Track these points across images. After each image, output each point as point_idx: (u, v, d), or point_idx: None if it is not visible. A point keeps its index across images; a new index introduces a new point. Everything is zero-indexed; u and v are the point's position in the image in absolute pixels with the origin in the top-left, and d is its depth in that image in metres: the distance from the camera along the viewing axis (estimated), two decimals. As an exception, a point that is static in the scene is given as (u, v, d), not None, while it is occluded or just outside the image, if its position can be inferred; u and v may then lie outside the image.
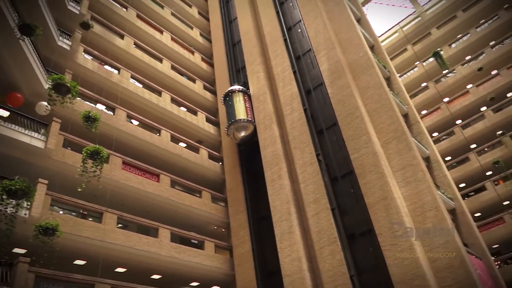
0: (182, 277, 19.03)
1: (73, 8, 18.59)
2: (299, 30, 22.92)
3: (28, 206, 12.62)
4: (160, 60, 24.57)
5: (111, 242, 15.22)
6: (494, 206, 26.25)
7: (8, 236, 10.22)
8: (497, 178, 26.82)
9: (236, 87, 22.61)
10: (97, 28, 20.89)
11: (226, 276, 19.26)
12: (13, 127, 14.00)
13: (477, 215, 27.03)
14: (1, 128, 13.63)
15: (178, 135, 22.07)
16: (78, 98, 15.74)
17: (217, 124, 25.24)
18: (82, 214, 15.98)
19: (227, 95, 22.40)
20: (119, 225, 16.49)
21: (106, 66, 20.52)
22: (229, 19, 28.97)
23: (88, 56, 19.81)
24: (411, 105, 20.88)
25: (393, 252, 13.86)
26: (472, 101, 29.84)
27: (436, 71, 31.83)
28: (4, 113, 14.41)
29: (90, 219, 15.87)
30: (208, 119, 25.05)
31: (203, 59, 28.77)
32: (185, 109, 24.01)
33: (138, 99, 21.34)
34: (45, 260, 11.44)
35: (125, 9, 24.52)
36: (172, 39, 27.02)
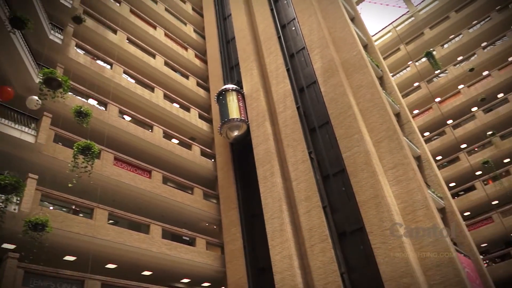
0: (173, 273, 19.02)
1: (65, 1, 18.40)
2: (293, 28, 22.93)
3: (17, 201, 12.48)
4: (153, 56, 24.42)
5: (101, 238, 15.14)
6: (483, 206, 26.60)
7: (-3, 231, 10.16)
8: (486, 178, 27.18)
9: (229, 86, 22.52)
10: (89, 22, 20.72)
11: (217, 273, 19.29)
12: (3, 121, 13.84)
13: (466, 214, 27.38)
14: (-10, 122, 13.50)
15: (171, 131, 21.97)
16: (69, 93, 15.62)
17: (210, 121, 25.18)
18: (74, 210, 15.88)
19: (221, 94, 22.33)
20: (110, 221, 16.41)
21: (98, 61, 20.35)
22: (223, 16, 28.88)
23: (80, 51, 19.62)
24: (403, 105, 21.01)
25: (383, 250, 13.98)
26: (463, 102, 30.17)
27: (428, 71, 32.09)
28: (-6, 107, 14.25)
29: (80, 215, 15.76)
30: (201, 116, 24.98)
31: (196, 55, 28.65)
32: (178, 105, 23.91)
33: (131, 95, 21.21)
34: (34, 255, 11.40)
35: (118, 4, 24.32)
36: (166, 34, 26.86)
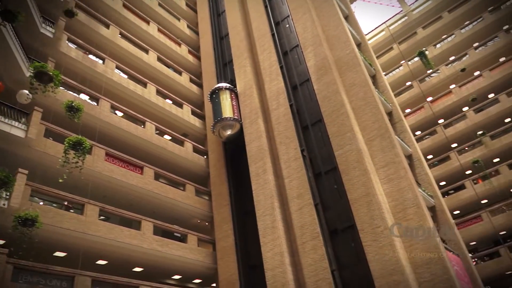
0: (164, 270, 19.00)
1: (57, -5, 18.19)
2: (287, 26, 22.92)
3: (7, 196, 12.37)
4: (146, 51, 24.23)
5: (92, 234, 15.04)
6: (472, 204, 26.94)
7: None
8: (476, 177, 27.53)
9: (223, 85, 22.34)
10: (81, 16, 20.48)
11: (208, 270, 19.30)
12: (-7, 115, 13.69)
13: (456, 212, 27.70)
14: (-20, 116, 13.32)
15: (163, 127, 21.86)
16: (61, 88, 15.46)
17: (202, 118, 25.10)
18: (66, 207, 15.76)
19: (214, 92, 22.15)
20: (101, 217, 16.32)
21: (90, 56, 20.16)
22: (217, 12, 28.75)
23: (72, 45, 19.39)
24: (395, 104, 21.13)
25: (374, 248, 14.09)
26: (454, 101, 30.49)
27: (420, 71, 32.33)
28: (-17, 101, 14.06)
29: (71, 210, 15.65)
30: (194, 112, 24.88)
31: (190, 51, 28.50)
32: (170, 101, 23.79)
33: (123, 90, 21.04)
34: (24, 251, 11.31)
35: (111, -2, 24.08)
36: (159, 30, 26.66)
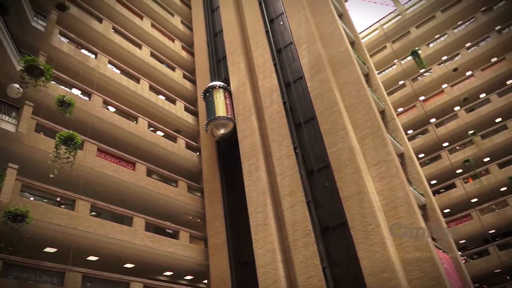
0: (156, 266, 18.96)
1: (49, -13, 17.95)
2: (281, 23, 22.89)
3: (-4, 191, 12.27)
4: (139, 47, 24.05)
5: (83, 230, 14.97)
6: (462, 203, 27.23)
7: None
8: (466, 176, 27.82)
9: (216, 83, 22.18)
10: (74, 10, 20.23)
11: (200, 266, 19.30)
12: (-18, 109, 13.53)
13: (446, 211, 27.99)
14: (-31, 110, 13.16)
15: (156, 123, 21.76)
16: (52, 82, 15.32)
17: (195, 114, 25.01)
18: (59, 203, 15.64)
19: (207, 91, 21.98)
20: (93, 213, 16.22)
21: (82, 50, 19.96)
22: (211, 8, 28.61)
23: (64, 39, 19.18)
24: (388, 102, 21.25)
25: (365, 245, 14.19)
26: (446, 101, 30.72)
27: (413, 70, 32.50)
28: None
29: (62, 206, 15.54)
30: (187, 108, 24.79)
31: (183, 47, 28.35)
32: (163, 97, 23.66)
33: (116, 86, 20.88)
34: (14, 247, 11.22)
35: (104, -8, 23.83)
36: (152, 25, 26.45)
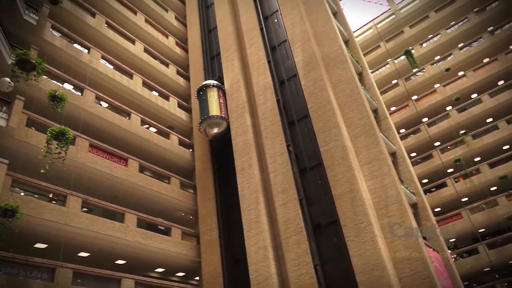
0: (148, 263, 18.91)
1: (42, -19, 17.73)
2: (276, 20, 22.87)
3: (-14, 186, 12.13)
4: (133, 42, 23.86)
5: (74, 226, 14.86)
6: (453, 202, 27.53)
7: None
8: (457, 175, 28.12)
9: (210, 82, 22.02)
10: (66, 4, 20.00)
11: (192, 263, 19.29)
12: (-28, 103, 13.35)
13: (437, 210, 28.26)
14: (-41, 104, 12.98)
15: (149, 119, 21.63)
16: (44, 76, 15.16)
17: (189, 111, 24.92)
18: (51, 199, 15.51)
19: (201, 89, 21.81)
20: (84, 209, 16.12)
21: (75, 45, 19.76)
22: (205, 4, 28.47)
23: (56, 33, 18.97)
24: (381, 101, 21.36)
25: (356, 243, 14.28)
26: (438, 100, 30.99)
27: (406, 69, 32.71)
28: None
29: (53, 202, 15.42)
30: (180, 105, 24.68)
31: (177, 43, 28.19)
32: (156, 93, 23.53)
33: (108, 81, 20.70)
34: (4, 242, 11.12)
35: (97, -14, 23.59)
36: (146, 21, 26.24)
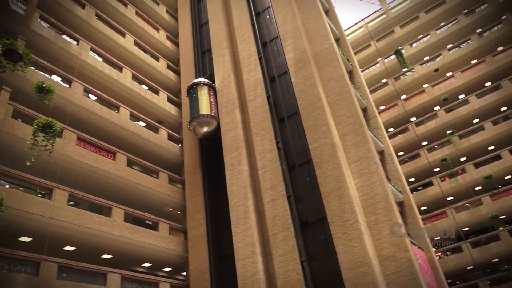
0: (134, 257, 18.83)
1: (30, -30, 17.40)
2: (268, 17, 22.83)
3: (-30, 178, 11.94)
4: (123, 35, 23.58)
5: (60, 219, 14.72)
6: (438, 201, 27.95)
7: None
8: (443, 174, 28.53)
9: (201, 80, 21.82)
10: (55, -6, 19.73)
11: (179, 258, 19.26)
12: (-43, 93, 13.08)
13: (423, 208, 28.67)
14: None
15: (138, 113, 21.45)
16: (31, 67, 14.94)
17: (178, 105, 24.78)
18: (38, 192, 15.31)
19: (192, 87, 21.64)
20: (71, 203, 15.96)
21: (64, 36, 19.46)
22: (197, -2, 28.30)
23: (44, 24, 18.66)
24: (370, 100, 21.51)
25: (343, 240, 14.43)
26: (427, 100, 31.36)
27: (396, 69, 33.01)
28: None
29: (39, 195, 15.23)
30: (170, 99, 24.52)
31: (168, 37, 27.96)
32: (146, 87, 23.33)
33: (97, 74, 20.45)
34: (-13, 235, 10.96)
35: (87, -23, 23.24)
36: (137, 13, 25.94)
